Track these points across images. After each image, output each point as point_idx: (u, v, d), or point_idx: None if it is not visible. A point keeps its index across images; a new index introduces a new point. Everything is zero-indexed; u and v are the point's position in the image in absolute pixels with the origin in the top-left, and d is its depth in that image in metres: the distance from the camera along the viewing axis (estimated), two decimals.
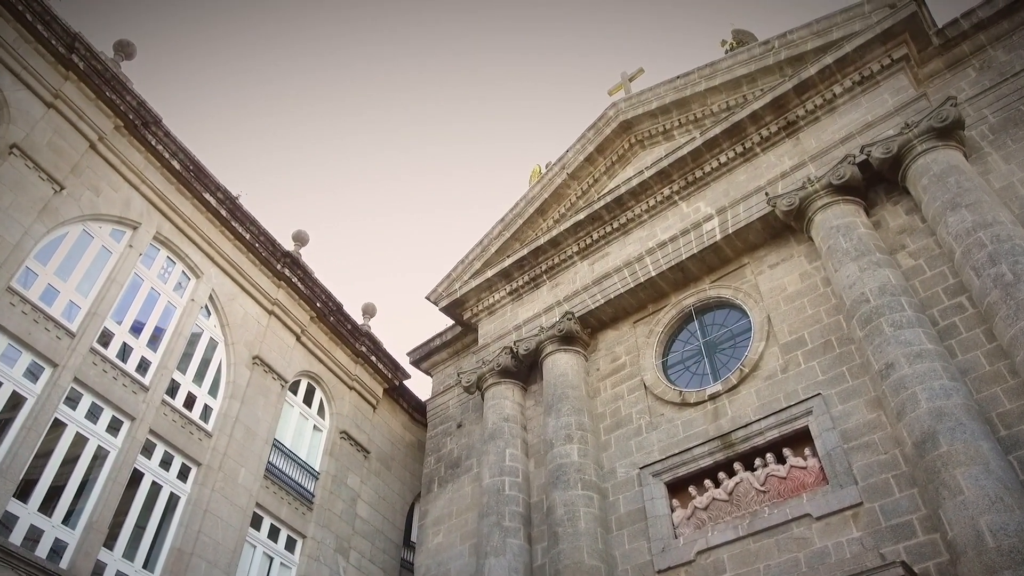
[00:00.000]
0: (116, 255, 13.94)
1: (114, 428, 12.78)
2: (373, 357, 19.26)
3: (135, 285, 14.26)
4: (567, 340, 15.87)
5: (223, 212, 16.08)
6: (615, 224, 16.59)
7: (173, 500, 13.35)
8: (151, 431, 13.24)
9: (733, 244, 14.57)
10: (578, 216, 16.94)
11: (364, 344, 19.06)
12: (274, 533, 15.17)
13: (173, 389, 14.16)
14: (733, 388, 13.03)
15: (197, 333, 15.29)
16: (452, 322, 19.58)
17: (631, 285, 15.54)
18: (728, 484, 12.19)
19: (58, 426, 11.96)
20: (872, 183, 13.33)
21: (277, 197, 57.06)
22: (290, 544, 15.43)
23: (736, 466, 12.25)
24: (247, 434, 15.08)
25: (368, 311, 20.62)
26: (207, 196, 15.78)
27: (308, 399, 17.79)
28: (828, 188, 13.21)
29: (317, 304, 18.03)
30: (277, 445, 15.97)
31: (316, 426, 17.56)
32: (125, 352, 13.55)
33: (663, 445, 13.33)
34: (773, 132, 14.84)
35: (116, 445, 12.62)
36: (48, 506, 11.41)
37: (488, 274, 18.13)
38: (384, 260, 61.74)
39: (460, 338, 19.57)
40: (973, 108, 13.01)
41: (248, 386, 15.60)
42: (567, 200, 18.58)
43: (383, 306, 52.58)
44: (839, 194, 13.15)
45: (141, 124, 14.65)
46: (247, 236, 16.56)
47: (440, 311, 19.00)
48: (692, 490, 12.57)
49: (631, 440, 13.91)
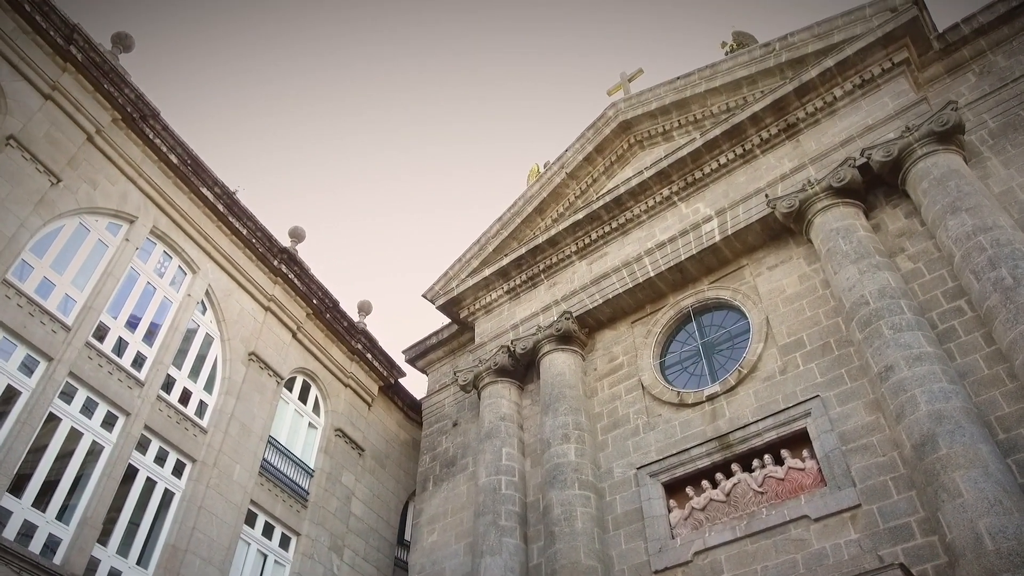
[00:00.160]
0: (112, 249, 13.83)
1: (109, 423, 12.67)
2: (369, 355, 19.19)
3: (131, 279, 14.15)
4: (565, 340, 15.85)
5: (220, 207, 15.99)
6: (614, 224, 16.58)
7: (168, 496, 13.25)
8: (146, 427, 13.13)
9: (732, 245, 14.58)
10: (577, 216, 16.92)
11: (360, 341, 18.98)
12: (268, 530, 15.09)
13: (168, 384, 14.06)
14: (731, 389, 13.04)
15: (193, 328, 15.19)
16: (447, 321, 19.54)
17: (629, 285, 15.54)
18: (726, 485, 12.19)
19: (52, 420, 11.85)
20: (872, 186, 13.36)
21: (274, 193, 56.94)
22: (284, 542, 15.35)
23: (734, 467, 12.26)
24: (242, 431, 14.99)
25: (364, 308, 20.55)
26: (204, 191, 15.68)
27: (303, 396, 17.71)
28: (828, 190, 13.23)
29: (313, 301, 17.94)
30: (272, 442, 15.88)
31: (311, 423, 17.48)
32: (121, 347, 13.44)
33: (660, 446, 13.31)
34: (773, 134, 14.86)
35: (111, 440, 12.51)
36: (42, 501, 11.31)
37: (486, 273, 18.09)
38: (380, 259, 61.70)
39: (456, 337, 19.52)
40: (973, 113, 13.06)
41: (244, 382, 15.50)
42: (565, 200, 18.55)
43: (379, 305, 52.46)
44: (839, 197, 13.18)
45: (139, 117, 14.54)
46: (244, 232, 16.46)
47: (437, 309, 18.94)
48: (689, 491, 12.56)
49: (628, 440, 13.90)
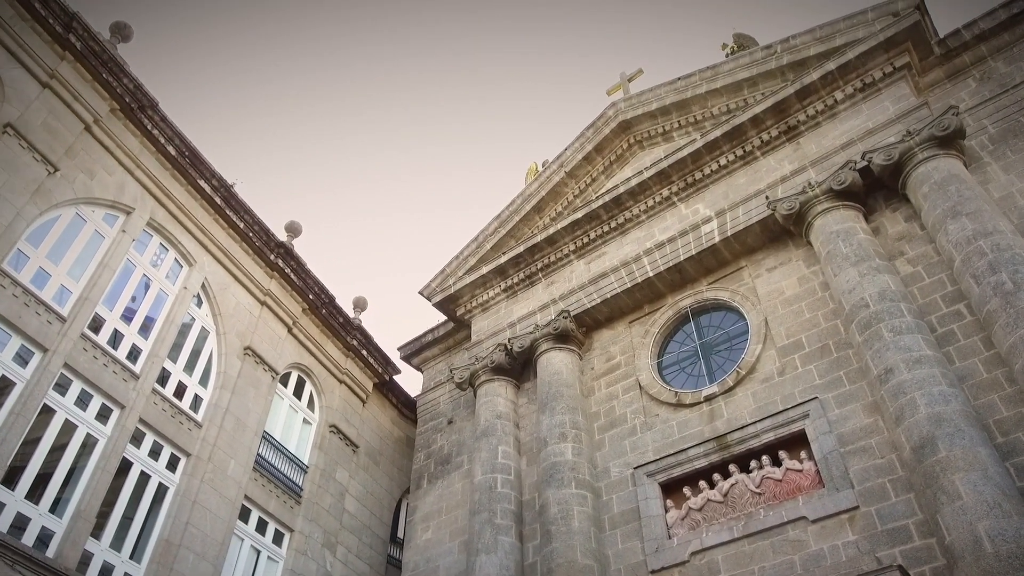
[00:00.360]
0: (109, 240, 13.69)
1: (103, 416, 12.54)
2: (364, 351, 19.11)
3: (127, 271, 14.02)
4: (562, 338, 15.82)
5: (218, 200, 15.87)
6: (613, 224, 16.57)
7: (162, 490, 13.13)
8: (141, 420, 13.01)
9: (731, 247, 14.60)
10: (576, 215, 16.90)
11: (355, 338, 18.90)
12: (262, 526, 14.99)
13: (164, 378, 13.94)
14: (729, 390, 13.05)
15: (189, 322, 15.06)
16: (443, 318, 19.48)
17: (628, 285, 15.53)
18: (723, 485, 12.19)
19: (47, 412, 11.71)
20: (872, 189, 13.40)
21: (272, 188, 56.66)
22: (278, 538, 15.25)
23: (731, 468, 12.27)
24: (237, 425, 14.88)
25: (359, 305, 20.46)
26: (202, 183, 15.55)
27: (298, 392, 17.61)
28: (828, 193, 13.27)
29: (310, 296, 17.84)
30: (267, 437, 15.77)
31: (306, 419, 17.38)
32: (116, 339, 13.31)
33: (658, 445, 13.31)
34: (774, 136, 14.89)
35: (105, 433, 12.39)
36: (35, 494, 11.18)
37: (483, 270, 18.04)
38: (376, 257, 61.56)
39: (452, 334, 19.47)
40: (973, 118, 13.12)
41: (239, 377, 15.40)
42: (564, 198, 18.53)
43: (373, 303, 52.34)
44: (839, 199, 13.21)
45: (137, 108, 14.41)
46: (241, 225, 16.35)
47: (433, 306, 18.88)
48: (687, 491, 12.55)
49: (625, 440, 13.89)
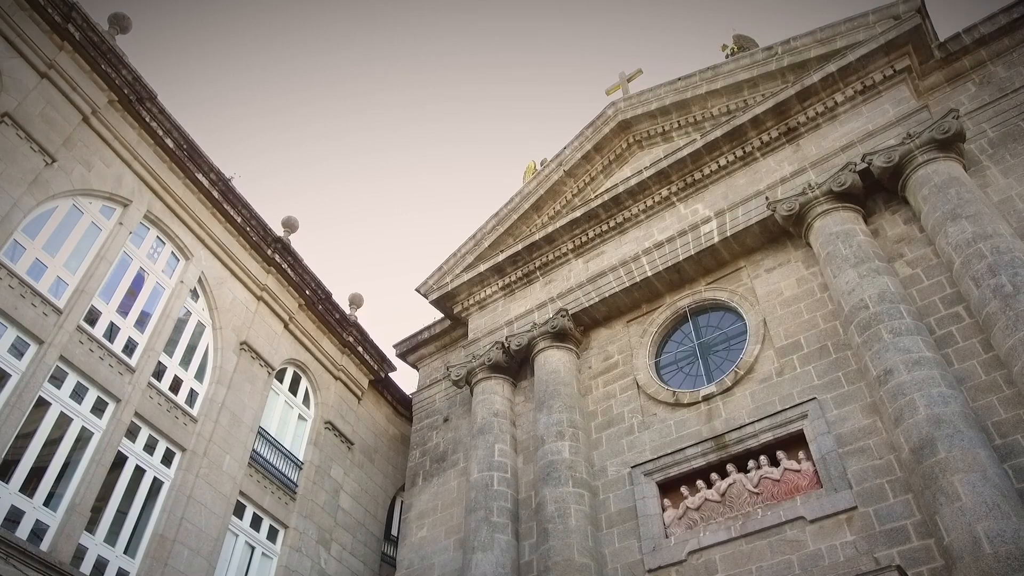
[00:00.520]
0: (106, 232, 13.57)
1: (99, 409, 12.43)
2: (360, 348, 19.03)
3: (124, 264, 13.91)
4: (560, 337, 15.81)
5: (215, 194, 15.76)
6: (612, 223, 16.57)
7: (156, 485, 13.02)
8: (136, 414, 12.90)
9: (730, 247, 14.62)
10: (574, 213, 16.89)
11: (352, 334, 18.82)
12: (257, 522, 14.89)
13: (159, 372, 13.83)
14: (727, 390, 13.06)
15: (185, 316, 14.96)
16: (439, 316, 19.44)
17: (626, 284, 15.53)
18: (721, 485, 12.20)
19: (42, 405, 11.58)
20: (871, 192, 13.45)
21: (269, 184, 56.42)
22: (272, 534, 15.16)
23: (729, 467, 12.28)
24: (233, 420, 14.79)
25: (355, 302, 20.36)
26: (200, 176, 15.45)
27: (294, 388, 17.51)
28: (828, 194, 13.30)
29: (306, 292, 17.76)
30: (262, 433, 15.68)
31: (301, 415, 17.29)
32: (112, 332, 13.20)
33: (655, 445, 13.32)
34: (774, 137, 14.92)
35: (100, 427, 12.28)
36: (29, 487, 11.07)
37: (481, 268, 18.01)
38: (372, 255, 61.42)
39: (448, 332, 19.43)
40: (972, 122, 13.18)
41: (235, 372, 15.30)
42: (563, 197, 18.52)
43: (369, 301, 52.21)
44: (839, 201, 13.25)
45: (136, 100, 14.29)
46: (239, 219, 16.25)
47: (430, 304, 18.84)
48: (684, 490, 12.57)
49: (623, 439, 13.89)
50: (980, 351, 10.76)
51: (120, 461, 12.50)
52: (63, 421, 11.84)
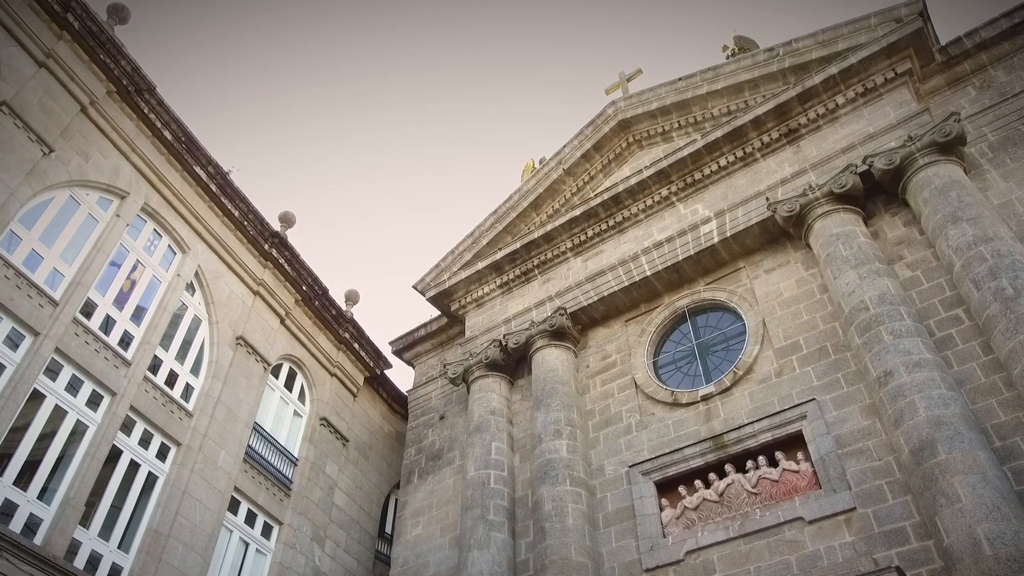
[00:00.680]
0: (102, 224, 13.45)
1: (94, 402, 12.32)
2: (356, 344, 18.96)
3: (120, 256, 13.78)
4: (558, 336, 15.77)
5: (213, 187, 15.66)
6: (611, 222, 16.54)
7: (151, 480, 12.92)
8: (132, 408, 12.80)
9: (730, 248, 14.61)
10: (574, 212, 16.85)
11: (348, 331, 18.74)
12: (251, 518, 14.80)
13: (155, 366, 13.72)
14: (726, 390, 13.05)
15: (181, 310, 14.84)
16: (435, 314, 19.36)
17: (625, 284, 15.50)
18: (719, 485, 12.18)
19: (37, 398, 11.47)
20: (871, 194, 13.46)
21: (267, 179, 56.18)
22: (266, 530, 15.07)
23: (727, 468, 12.25)
24: (228, 416, 14.69)
25: (351, 298, 20.28)
26: (198, 170, 15.34)
27: (289, 383, 17.43)
28: (829, 196, 13.31)
29: (303, 287, 17.67)
30: (257, 429, 15.59)
31: (296, 411, 17.20)
32: (108, 325, 13.09)
33: (653, 444, 13.29)
34: (774, 138, 14.92)
35: (95, 420, 12.17)
36: (23, 480, 10.95)
37: (479, 266, 17.94)
38: (367, 252, 61.26)
39: (445, 330, 19.36)
40: (973, 126, 13.22)
41: (231, 367, 15.20)
42: (561, 196, 18.49)
43: (367, 301, 52.21)
44: (840, 203, 13.26)
45: (134, 91, 14.18)
46: (236, 213, 16.15)
47: (427, 301, 18.75)
48: (682, 490, 12.54)
49: (620, 438, 13.85)
50: (980, 353, 10.78)
51: (115, 455, 12.40)
52: (58, 414, 11.73)
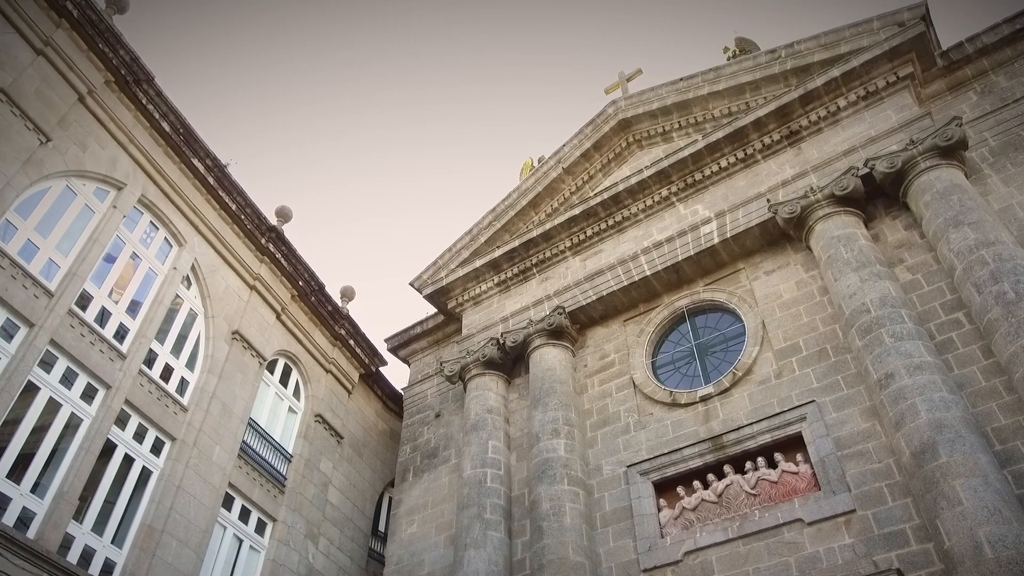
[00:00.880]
0: (99, 215, 13.29)
1: (88, 396, 12.16)
2: (351, 341, 18.84)
3: (116, 248, 13.63)
4: (556, 335, 15.72)
5: (210, 180, 15.51)
6: (610, 221, 16.51)
7: (145, 474, 12.77)
8: (126, 401, 12.64)
9: (730, 248, 14.61)
10: (573, 211, 16.80)
11: (343, 327, 18.62)
12: (245, 515, 14.66)
13: (150, 360, 13.57)
14: (725, 391, 13.03)
15: (177, 303, 14.69)
16: (431, 311, 19.27)
17: (624, 283, 15.47)
18: (718, 486, 12.16)
19: (31, 390, 11.30)
20: (871, 197, 13.49)
21: (264, 173, 55.79)
22: (260, 527, 14.93)
23: (726, 469, 12.23)
24: (223, 411, 14.55)
25: (347, 294, 20.16)
26: (195, 162, 15.19)
27: (284, 379, 17.29)
28: (830, 198, 13.32)
29: (299, 283, 17.54)
30: (252, 424, 15.45)
31: (291, 408, 17.07)
32: (103, 317, 12.93)
33: (651, 444, 13.26)
34: (775, 140, 14.93)
35: (90, 413, 12.01)
36: (16, 474, 10.79)
37: (476, 264, 17.87)
38: (371, 254, 61.07)
39: (441, 327, 19.26)
40: (974, 131, 13.27)
41: (226, 361, 15.06)
42: (560, 195, 18.44)
43: (366, 300, 51.96)
44: (841, 205, 13.28)
45: (132, 81, 14.02)
46: (233, 207, 16.00)
47: (424, 298, 18.65)
48: (680, 491, 12.52)
49: (618, 438, 13.82)
50: (980, 357, 10.80)
51: (109, 449, 12.24)
52: (52, 407, 11.57)
